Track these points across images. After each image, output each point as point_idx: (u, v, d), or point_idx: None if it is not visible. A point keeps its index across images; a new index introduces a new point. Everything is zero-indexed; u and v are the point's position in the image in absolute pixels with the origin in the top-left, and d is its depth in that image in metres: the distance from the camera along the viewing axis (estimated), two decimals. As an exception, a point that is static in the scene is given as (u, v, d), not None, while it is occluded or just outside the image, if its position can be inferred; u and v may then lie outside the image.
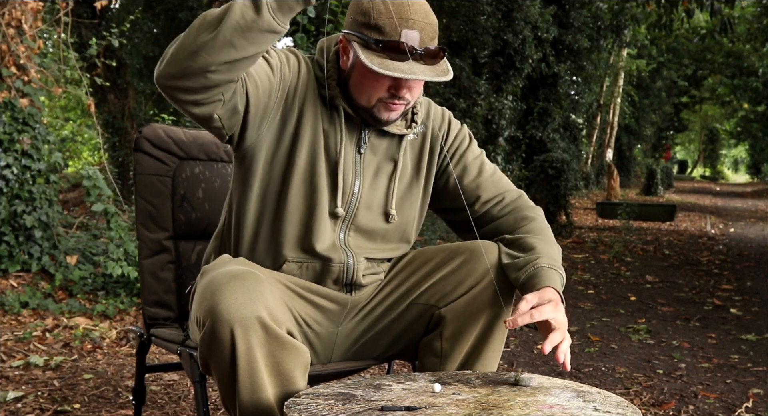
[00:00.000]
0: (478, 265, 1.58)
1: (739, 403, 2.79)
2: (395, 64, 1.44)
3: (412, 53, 1.45)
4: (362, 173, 1.61)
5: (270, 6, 1.30)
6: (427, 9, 1.50)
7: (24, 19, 4.46)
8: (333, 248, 1.58)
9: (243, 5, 1.30)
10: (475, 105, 10.31)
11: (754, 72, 17.58)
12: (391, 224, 1.64)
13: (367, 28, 1.47)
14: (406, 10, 1.46)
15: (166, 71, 1.35)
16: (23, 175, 4.38)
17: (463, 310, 1.57)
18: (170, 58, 1.34)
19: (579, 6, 12.33)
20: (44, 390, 2.74)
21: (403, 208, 1.66)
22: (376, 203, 1.62)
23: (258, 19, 1.30)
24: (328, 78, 1.56)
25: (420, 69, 1.46)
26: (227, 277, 1.32)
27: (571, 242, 8.83)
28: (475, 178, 1.69)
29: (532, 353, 3.60)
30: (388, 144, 1.64)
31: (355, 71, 1.53)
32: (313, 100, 1.57)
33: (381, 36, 1.45)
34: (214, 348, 1.31)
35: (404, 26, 1.45)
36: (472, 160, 1.71)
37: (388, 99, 1.52)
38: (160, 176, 1.93)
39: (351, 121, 1.59)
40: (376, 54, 1.45)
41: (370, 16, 1.46)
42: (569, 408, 1.16)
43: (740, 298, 5.30)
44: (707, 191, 25.56)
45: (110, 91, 10.86)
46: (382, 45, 1.45)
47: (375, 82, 1.50)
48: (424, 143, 1.68)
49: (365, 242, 1.63)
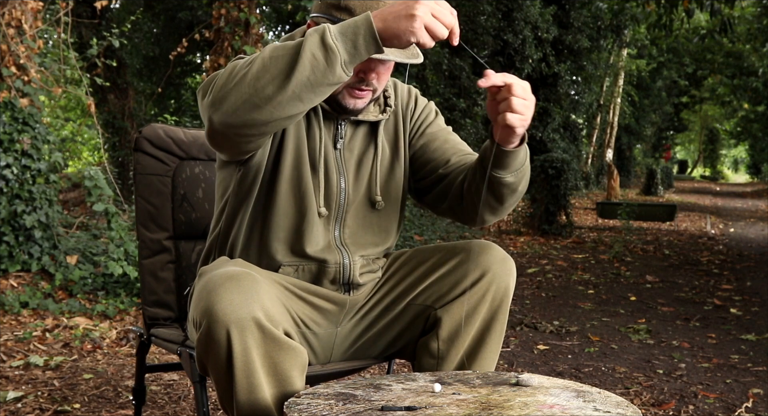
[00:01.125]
0: (474, 265, 1.57)
1: (739, 403, 2.79)
2: None
3: None
4: (345, 168, 1.60)
5: (343, 60, 1.27)
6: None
7: (24, 19, 4.46)
8: (328, 249, 1.58)
9: (312, 59, 1.26)
10: (475, 105, 10.31)
11: (754, 72, 17.59)
12: (379, 211, 1.63)
13: (336, 9, 1.45)
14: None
15: (228, 121, 1.31)
16: (23, 175, 4.38)
17: (460, 311, 1.57)
18: (231, 107, 1.29)
19: (579, 6, 12.33)
20: (44, 390, 2.74)
21: (389, 191, 1.64)
22: (362, 194, 1.62)
23: (330, 74, 1.27)
24: None
25: (390, 51, 1.41)
26: (223, 278, 1.32)
27: (571, 242, 8.83)
28: (442, 144, 1.68)
29: (532, 353, 3.60)
30: (365, 133, 1.63)
31: None
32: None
33: (350, 17, 1.41)
34: (210, 349, 1.31)
35: (374, 8, 1.42)
36: (438, 130, 1.70)
37: (354, 84, 1.49)
38: (160, 176, 1.93)
39: (328, 116, 1.58)
40: None
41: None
42: (569, 408, 1.16)
43: (740, 298, 5.30)
44: (707, 191, 25.56)
45: (110, 91, 10.86)
46: None
47: None
48: (397, 121, 1.67)
49: (361, 235, 1.62)
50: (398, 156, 1.67)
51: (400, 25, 1.25)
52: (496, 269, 1.57)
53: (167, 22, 13.38)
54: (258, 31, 6.61)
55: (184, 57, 13.41)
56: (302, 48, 1.26)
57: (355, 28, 1.27)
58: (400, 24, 1.25)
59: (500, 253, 1.60)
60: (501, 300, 1.58)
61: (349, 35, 1.27)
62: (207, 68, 6.71)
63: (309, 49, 1.26)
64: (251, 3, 6.42)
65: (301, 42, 1.27)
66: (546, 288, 5.61)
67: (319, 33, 1.27)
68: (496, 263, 1.58)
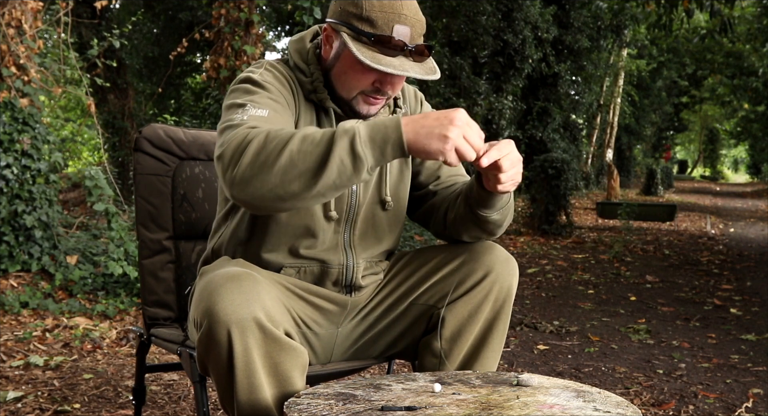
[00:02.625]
0: (477, 265, 1.58)
1: (739, 403, 2.79)
2: (387, 59, 1.43)
3: (402, 49, 1.44)
4: None
5: (369, 167, 1.28)
6: (416, 6, 1.49)
7: (24, 19, 4.46)
8: (333, 251, 1.58)
9: (341, 165, 1.26)
10: (475, 105, 10.31)
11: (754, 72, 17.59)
12: (388, 211, 1.63)
13: (358, 19, 1.45)
14: (399, 6, 1.45)
15: (251, 202, 1.32)
16: (23, 175, 4.38)
17: (463, 310, 1.57)
18: (255, 192, 1.29)
19: (579, 6, 12.32)
20: (44, 390, 2.74)
21: (398, 192, 1.65)
22: (373, 195, 1.62)
23: (355, 178, 1.29)
24: (315, 81, 1.54)
25: (410, 65, 1.45)
26: (224, 278, 1.32)
27: (571, 242, 8.83)
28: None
29: (532, 353, 3.60)
30: None
31: (339, 62, 1.51)
32: (305, 110, 1.56)
33: (372, 29, 1.44)
34: (211, 350, 1.31)
35: (396, 21, 1.44)
36: None
37: (369, 93, 1.50)
38: (160, 176, 1.93)
39: (340, 118, 1.58)
40: (367, 47, 1.44)
41: (362, 7, 1.45)
42: (569, 408, 1.16)
43: (740, 298, 5.30)
44: (707, 191, 25.56)
45: (110, 92, 10.87)
46: (373, 38, 1.43)
47: (360, 75, 1.48)
48: None
49: (370, 236, 1.62)
50: (406, 160, 1.67)
51: (432, 145, 1.27)
52: (500, 269, 1.58)
53: (167, 22, 13.39)
54: (258, 31, 6.61)
55: (184, 57, 13.42)
56: (331, 152, 1.26)
57: (384, 136, 1.28)
58: (432, 142, 1.27)
59: (503, 253, 1.60)
60: (504, 300, 1.58)
61: (378, 143, 1.28)
62: (207, 68, 6.70)
63: (338, 154, 1.26)
64: (251, 3, 6.42)
65: (331, 141, 1.27)
66: (546, 288, 5.61)
67: (349, 138, 1.27)
68: (499, 263, 1.58)
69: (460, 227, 1.59)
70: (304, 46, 1.58)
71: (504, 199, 1.52)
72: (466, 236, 1.60)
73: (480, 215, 1.53)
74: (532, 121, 12.33)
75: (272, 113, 1.42)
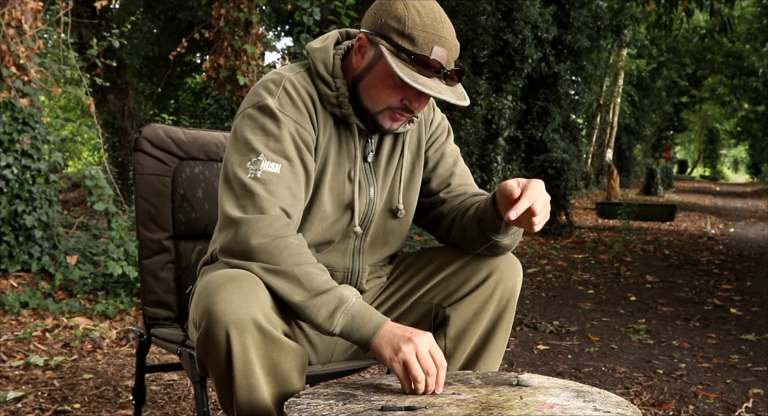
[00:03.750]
0: (482, 265, 1.58)
1: (739, 403, 2.79)
2: (423, 78, 1.42)
3: (439, 71, 1.44)
4: (374, 179, 1.60)
5: (330, 332, 1.34)
6: (454, 31, 1.49)
7: (24, 19, 4.46)
8: (341, 256, 1.58)
9: (316, 312, 1.34)
10: (475, 105, 10.30)
11: (754, 72, 17.60)
12: (399, 219, 1.64)
13: (399, 35, 1.44)
14: (440, 27, 1.44)
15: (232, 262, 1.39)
16: (23, 175, 4.38)
17: (468, 309, 1.57)
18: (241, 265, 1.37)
19: (579, 6, 12.32)
20: (44, 390, 2.74)
21: (409, 199, 1.66)
22: (386, 203, 1.62)
23: (315, 328, 1.36)
24: (341, 97, 1.52)
25: (444, 88, 1.44)
26: (224, 278, 1.32)
27: (571, 242, 8.83)
28: (450, 167, 1.69)
29: (532, 353, 3.60)
30: (390, 143, 1.63)
31: (372, 74, 1.49)
32: (325, 124, 1.53)
33: (412, 47, 1.43)
34: (210, 350, 1.31)
35: (436, 43, 1.43)
36: (450, 151, 1.71)
37: (396, 109, 1.49)
38: (160, 176, 1.93)
39: (360, 131, 1.58)
40: (406, 64, 1.43)
41: (405, 24, 1.43)
42: (569, 408, 1.16)
43: (740, 298, 5.30)
44: (707, 191, 25.56)
45: (110, 92, 10.87)
46: (414, 57, 1.42)
47: (392, 90, 1.47)
48: (420, 130, 1.68)
49: (379, 243, 1.63)
50: (419, 164, 1.67)
51: (383, 353, 1.31)
52: (504, 269, 1.58)
53: (167, 22, 13.39)
54: (258, 31, 6.61)
55: (184, 57, 13.42)
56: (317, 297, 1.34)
57: (362, 328, 1.33)
58: (383, 351, 1.31)
59: (508, 254, 1.60)
60: (508, 300, 1.59)
61: (355, 327, 1.33)
62: (207, 68, 6.70)
63: (321, 304, 1.34)
64: (251, 3, 6.43)
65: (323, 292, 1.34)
66: (546, 288, 5.61)
67: (338, 303, 1.34)
68: (503, 263, 1.59)
69: (467, 243, 1.59)
70: (328, 56, 1.54)
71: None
72: (472, 250, 1.59)
73: (491, 238, 1.53)
74: (532, 121, 12.33)
75: (285, 168, 1.44)
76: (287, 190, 1.42)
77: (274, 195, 1.40)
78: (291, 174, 1.44)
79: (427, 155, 1.69)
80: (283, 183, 1.42)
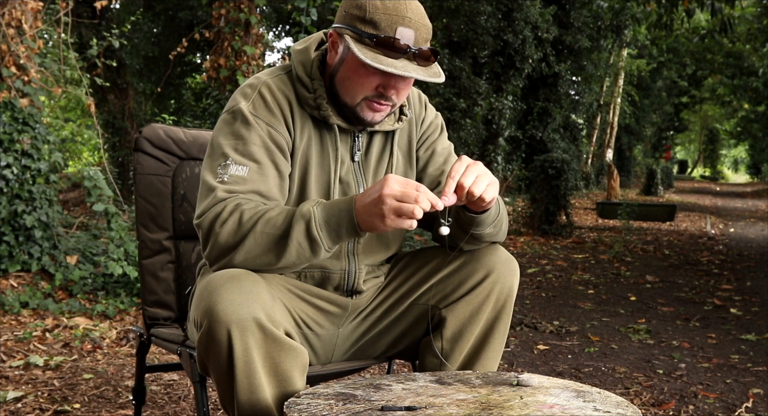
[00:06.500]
0: (479, 265, 1.57)
1: (739, 403, 2.79)
2: (389, 60, 1.41)
3: (406, 51, 1.42)
4: (363, 179, 1.59)
5: (327, 247, 1.38)
6: (422, 11, 1.47)
7: (24, 19, 4.46)
8: (335, 258, 1.57)
9: (298, 247, 1.37)
10: (475, 105, 10.31)
11: (754, 72, 17.60)
12: None
13: (361, 22, 1.44)
14: (403, 8, 1.43)
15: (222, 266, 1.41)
16: (23, 175, 4.38)
17: (464, 311, 1.57)
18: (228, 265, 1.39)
19: (579, 6, 12.33)
20: (44, 390, 2.74)
21: None
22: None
23: (314, 258, 1.40)
24: (318, 98, 1.52)
25: (413, 68, 1.43)
26: (225, 278, 1.32)
27: (571, 242, 8.83)
28: (440, 166, 1.68)
29: (532, 353, 3.60)
30: (380, 142, 1.62)
31: (343, 66, 1.49)
32: (305, 126, 1.54)
33: (375, 31, 1.42)
34: (211, 350, 1.31)
35: (400, 23, 1.42)
36: (441, 150, 1.70)
37: (373, 98, 1.48)
38: (160, 176, 1.93)
39: (344, 130, 1.57)
40: (370, 49, 1.42)
41: (366, 10, 1.43)
42: (569, 408, 1.16)
43: (740, 298, 5.30)
44: (707, 191, 25.56)
45: (110, 92, 10.87)
46: (376, 40, 1.41)
47: (364, 79, 1.46)
48: (410, 129, 1.67)
49: (373, 244, 1.62)
50: (410, 163, 1.67)
51: (375, 224, 1.33)
52: (501, 270, 1.57)
53: (167, 22, 13.39)
54: (258, 31, 6.61)
55: (184, 57, 13.42)
56: (289, 236, 1.36)
57: (339, 219, 1.36)
58: (374, 223, 1.33)
59: (504, 253, 1.60)
60: (505, 300, 1.58)
61: (333, 225, 1.36)
62: (207, 68, 6.71)
63: (295, 238, 1.36)
64: (251, 3, 6.43)
65: (289, 225, 1.36)
66: (546, 288, 5.61)
67: (305, 221, 1.36)
68: (500, 263, 1.58)
69: (457, 240, 1.58)
70: (308, 58, 1.55)
71: (491, 214, 1.51)
72: (467, 247, 1.59)
73: (474, 233, 1.53)
74: (532, 121, 12.33)
75: (252, 170, 1.45)
76: (253, 193, 1.44)
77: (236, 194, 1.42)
78: (259, 176, 1.45)
79: (418, 154, 1.68)
80: (250, 186, 1.43)
